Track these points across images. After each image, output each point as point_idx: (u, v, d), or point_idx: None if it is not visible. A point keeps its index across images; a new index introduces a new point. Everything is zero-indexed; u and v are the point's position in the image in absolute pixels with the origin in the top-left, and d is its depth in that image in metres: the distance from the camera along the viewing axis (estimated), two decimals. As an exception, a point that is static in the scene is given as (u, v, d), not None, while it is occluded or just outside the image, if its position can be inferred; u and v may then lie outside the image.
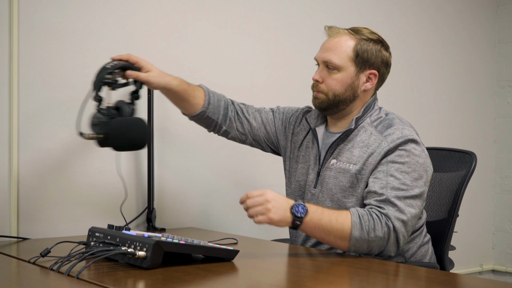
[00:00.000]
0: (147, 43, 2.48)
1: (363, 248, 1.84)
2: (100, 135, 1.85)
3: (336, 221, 1.82)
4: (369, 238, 1.82)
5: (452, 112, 3.70)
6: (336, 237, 1.83)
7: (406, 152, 1.94)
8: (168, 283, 1.43)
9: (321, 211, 1.83)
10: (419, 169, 1.93)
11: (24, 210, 2.19)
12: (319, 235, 1.84)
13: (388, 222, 1.83)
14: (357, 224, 1.82)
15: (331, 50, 2.03)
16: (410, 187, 1.89)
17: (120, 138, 1.87)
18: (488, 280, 1.73)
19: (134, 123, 1.90)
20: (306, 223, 1.81)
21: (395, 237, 1.85)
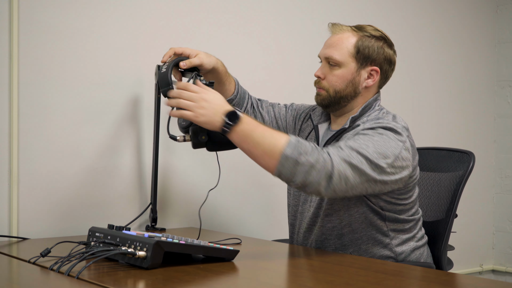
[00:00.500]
0: (147, 43, 2.48)
1: (289, 169, 1.72)
2: (203, 136, 1.80)
3: (270, 135, 1.74)
4: (300, 161, 1.71)
5: (452, 112, 3.70)
6: (265, 151, 1.73)
7: (380, 131, 1.87)
8: (168, 283, 1.43)
9: (257, 124, 1.75)
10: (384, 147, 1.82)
11: (24, 210, 2.19)
12: (246, 147, 1.76)
13: (325, 155, 1.74)
14: (292, 143, 1.72)
15: (332, 47, 2.03)
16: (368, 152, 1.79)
17: (220, 140, 1.82)
18: (488, 280, 1.73)
19: None
20: (235, 132, 1.74)
21: (329, 171, 1.72)
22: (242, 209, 2.77)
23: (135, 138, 2.44)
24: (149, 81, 2.43)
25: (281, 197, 2.86)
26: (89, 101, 2.33)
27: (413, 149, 1.94)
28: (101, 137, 2.36)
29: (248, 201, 2.79)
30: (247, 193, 2.79)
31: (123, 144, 2.41)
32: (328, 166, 1.73)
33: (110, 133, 2.38)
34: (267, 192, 2.83)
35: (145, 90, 2.45)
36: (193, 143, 1.82)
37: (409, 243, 2.03)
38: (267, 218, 2.84)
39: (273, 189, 2.85)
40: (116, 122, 2.40)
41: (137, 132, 2.45)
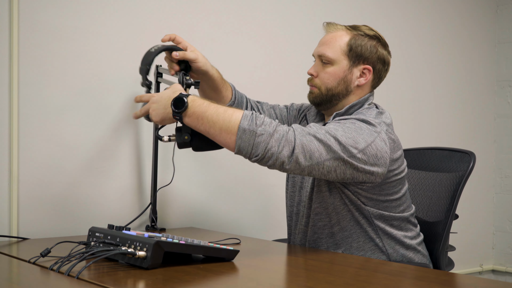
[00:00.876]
0: (147, 43, 2.48)
1: (248, 142, 1.72)
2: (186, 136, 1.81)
3: (224, 112, 1.74)
4: (256, 130, 1.71)
5: (452, 112, 3.70)
6: (222, 128, 1.73)
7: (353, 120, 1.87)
8: (168, 283, 1.43)
9: (208, 104, 1.76)
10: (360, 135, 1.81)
11: (24, 210, 2.19)
12: (203, 128, 1.76)
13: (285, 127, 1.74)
14: (247, 116, 1.73)
15: (325, 44, 2.04)
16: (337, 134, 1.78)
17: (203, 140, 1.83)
18: (488, 280, 1.73)
19: None
20: (188, 116, 1.75)
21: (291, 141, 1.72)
22: (242, 209, 2.77)
23: (135, 138, 2.44)
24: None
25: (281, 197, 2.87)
26: (89, 101, 2.33)
27: (394, 144, 1.91)
28: (101, 137, 2.36)
29: (248, 201, 2.79)
30: (247, 193, 2.79)
31: (123, 144, 2.41)
32: (290, 137, 1.72)
33: (110, 132, 2.38)
34: (267, 192, 2.83)
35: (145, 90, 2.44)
36: (178, 143, 1.84)
37: (400, 241, 2.01)
38: (267, 218, 2.84)
39: (273, 190, 2.85)
40: (116, 122, 2.40)
41: (137, 132, 2.45)
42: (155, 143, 2.40)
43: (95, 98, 2.35)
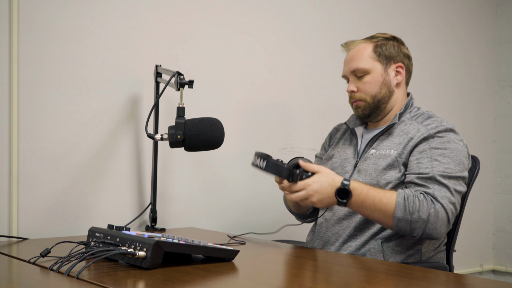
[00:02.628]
0: (147, 43, 2.48)
1: (406, 228, 1.89)
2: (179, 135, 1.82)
3: (380, 202, 1.89)
4: (411, 219, 1.87)
5: (452, 112, 3.69)
6: (380, 216, 1.90)
7: (446, 139, 2.02)
8: (168, 283, 1.43)
9: (366, 192, 1.89)
10: (460, 155, 1.99)
11: (24, 210, 2.18)
12: (365, 213, 1.92)
13: (434, 203, 1.88)
14: (400, 205, 1.88)
15: (354, 59, 2.14)
16: (455, 170, 1.95)
17: (196, 139, 1.85)
18: (488, 280, 1.73)
19: (210, 123, 1.88)
20: (350, 205, 1.91)
21: (445, 216, 1.88)
22: (242, 209, 2.77)
23: (134, 138, 2.44)
24: (149, 81, 2.43)
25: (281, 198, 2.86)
26: (89, 101, 2.33)
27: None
28: (101, 137, 2.36)
29: (248, 201, 2.79)
30: (247, 194, 2.79)
31: (122, 144, 2.41)
32: (443, 216, 1.89)
33: (109, 133, 2.38)
34: (267, 192, 2.83)
35: (144, 90, 2.45)
36: (170, 142, 1.84)
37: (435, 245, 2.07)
38: (267, 218, 2.84)
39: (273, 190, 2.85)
40: (116, 122, 2.40)
41: (137, 132, 2.45)
42: (154, 143, 2.40)
43: (95, 98, 2.34)
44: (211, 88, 2.64)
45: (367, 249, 2.02)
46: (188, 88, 1.91)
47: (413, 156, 2.01)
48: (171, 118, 2.47)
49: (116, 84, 2.39)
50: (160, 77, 2.33)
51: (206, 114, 2.58)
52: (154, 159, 2.40)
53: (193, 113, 2.54)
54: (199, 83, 2.23)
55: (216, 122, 1.88)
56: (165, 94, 2.38)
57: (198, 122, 1.85)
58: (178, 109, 1.84)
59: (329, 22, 3.09)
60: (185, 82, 1.87)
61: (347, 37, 2.38)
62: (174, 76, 1.91)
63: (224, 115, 2.33)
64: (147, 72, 2.43)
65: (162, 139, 1.86)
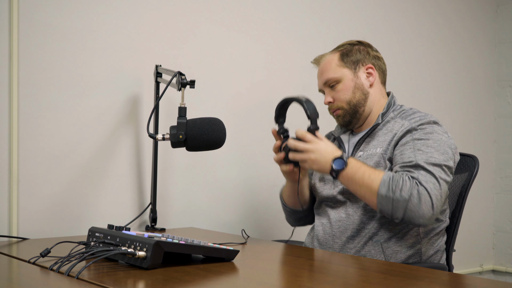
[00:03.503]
0: (147, 43, 2.48)
1: (388, 207, 1.88)
2: (180, 135, 1.82)
3: (368, 177, 1.91)
4: (393, 197, 1.87)
5: (452, 112, 3.69)
6: (366, 192, 1.92)
7: (429, 129, 2.02)
8: (168, 283, 1.43)
9: (358, 167, 1.94)
10: (444, 146, 1.98)
11: (24, 210, 2.18)
12: (352, 188, 1.95)
13: (418, 185, 1.87)
14: (385, 183, 1.88)
15: (324, 71, 2.19)
16: (438, 159, 1.94)
17: (198, 139, 1.85)
18: (488, 280, 1.73)
19: (211, 123, 1.88)
20: (341, 176, 1.95)
21: (429, 198, 1.86)
22: (242, 209, 2.77)
23: (134, 138, 2.44)
24: (149, 81, 2.43)
25: (281, 197, 2.86)
26: (89, 101, 2.33)
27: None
28: (100, 137, 2.36)
29: (248, 201, 2.79)
30: (247, 194, 2.79)
31: (122, 144, 2.41)
32: (426, 197, 1.86)
33: (109, 133, 2.38)
34: (267, 192, 2.83)
35: (144, 89, 2.45)
36: (172, 142, 1.84)
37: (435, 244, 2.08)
38: (267, 218, 2.84)
39: (273, 190, 2.85)
40: (116, 122, 2.40)
41: (137, 132, 2.45)
42: (154, 143, 2.40)
43: (95, 98, 2.34)
44: (211, 88, 2.64)
45: (367, 251, 2.02)
46: (190, 88, 1.91)
47: (397, 150, 2.01)
48: (171, 118, 2.47)
49: (116, 84, 2.39)
50: (160, 77, 2.33)
51: (206, 114, 2.58)
52: (154, 159, 2.40)
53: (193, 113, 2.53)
54: (199, 83, 2.23)
55: (218, 122, 1.88)
56: (166, 94, 2.38)
57: (200, 122, 1.85)
58: (180, 109, 1.84)
59: (329, 22, 3.09)
60: (187, 82, 1.87)
61: (347, 37, 2.38)
62: (176, 76, 1.91)
63: (224, 115, 2.32)
64: (147, 72, 2.43)
65: (164, 139, 1.86)
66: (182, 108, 1.84)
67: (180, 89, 1.88)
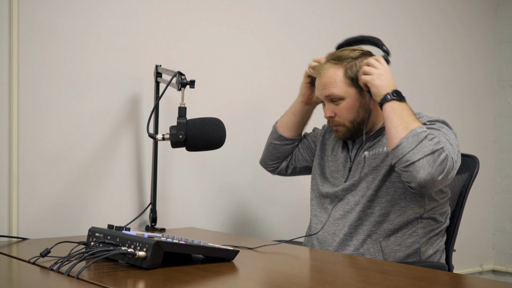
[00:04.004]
0: (147, 43, 2.48)
1: (411, 145, 1.84)
2: (180, 135, 1.82)
3: (414, 118, 1.91)
4: (423, 141, 1.84)
5: (452, 112, 3.69)
6: (403, 123, 1.89)
7: (438, 125, 2.01)
8: (168, 283, 1.43)
9: (409, 108, 1.94)
10: (452, 140, 1.96)
11: (24, 210, 2.19)
12: (391, 115, 1.91)
13: (446, 150, 1.86)
14: (424, 128, 1.87)
15: (328, 85, 2.09)
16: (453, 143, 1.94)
17: (198, 139, 1.85)
18: (488, 280, 1.73)
19: (211, 123, 1.87)
20: (392, 103, 1.93)
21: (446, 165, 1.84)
22: (242, 209, 2.77)
23: (134, 138, 2.44)
24: (149, 81, 2.43)
25: (281, 197, 2.86)
26: (89, 101, 2.33)
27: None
28: (101, 137, 2.36)
29: (248, 201, 2.79)
30: (247, 194, 2.79)
31: (122, 144, 2.41)
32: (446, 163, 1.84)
33: (109, 133, 2.38)
34: (267, 192, 2.83)
35: (144, 89, 2.45)
36: (172, 142, 1.84)
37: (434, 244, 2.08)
38: (267, 218, 2.84)
39: (273, 190, 2.85)
40: (116, 122, 2.40)
41: (137, 132, 2.45)
42: (154, 143, 2.40)
43: (95, 98, 2.35)
44: (211, 88, 2.64)
45: (365, 249, 2.02)
46: (190, 88, 1.91)
47: None
48: (171, 118, 2.48)
49: (116, 84, 2.39)
50: (160, 77, 2.33)
51: (206, 114, 2.58)
52: (154, 159, 2.40)
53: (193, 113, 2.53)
54: (199, 83, 2.23)
55: (218, 122, 1.88)
56: (166, 94, 2.38)
57: (200, 122, 1.85)
58: (180, 109, 1.84)
59: (329, 22, 3.09)
60: (187, 82, 1.87)
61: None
62: (175, 76, 1.91)
63: (224, 115, 2.32)
64: (147, 72, 2.43)
65: (164, 139, 1.86)
66: (182, 108, 1.84)
67: (180, 89, 1.88)
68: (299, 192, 2.81)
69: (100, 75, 2.36)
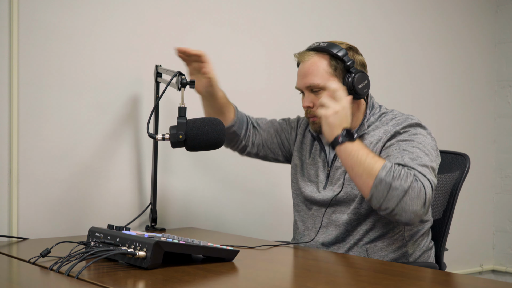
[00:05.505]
0: (147, 43, 2.48)
1: (383, 193, 1.80)
2: (180, 135, 1.82)
3: (372, 157, 1.84)
4: (392, 184, 1.79)
5: (452, 112, 3.70)
6: (365, 170, 1.83)
7: (413, 131, 1.97)
8: (168, 283, 1.43)
9: (363, 146, 1.88)
10: (428, 147, 1.93)
11: (24, 210, 2.19)
12: (350, 162, 1.86)
13: (417, 181, 1.81)
14: (387, 167, 1.81)
15: (309, 74, 2.04)
16: (424, 159, 1.89)
17: (198, 139, 1.85)
18: (488, 280, 1.73)
19: (211, 123, 1.87)
20: (345, 146, 1.87)
21: (424, 197, 1.80)
22: (242, 209, 2.77)
23: (134, 138, 2.44)
24: (149, 81, 2.43)
25: (281, 197, 2.86)
26: (89, 101, 2.33)
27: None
28: (101, 137, 2.36)
29: (248, 201, 2.79)
30: (247, 194, 2.79)
31: (122, 144, 2.41)
32: (422, 193, 1.81)
33: (109, 133, 2.38)
34: (267, 192, 2.83)
35: (144, 90, 2.45)
36: (172, 142, 1.83)
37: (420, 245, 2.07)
38: (267, 218, 2.84)
39: (273, 190, 2.85)
40: (116, 122, 2.40)
41: (137, 132, 2.45)
42: (154, 143, 2.40)
43: (95, 98, 2.35)
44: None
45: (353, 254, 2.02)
46: (190, 88, 1.91)
47: (383, 153, 1.97)
48: (171, 118, 2.48)
49: (116, 83, 2.39)
50: (160, 77, 2.32)
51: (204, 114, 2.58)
52: (154, 159, 2.40)
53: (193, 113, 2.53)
54: (199, 83, 2.23)
55: (218, 122, 1.88)
56: (166, 94, 2.38)
57: (200, 122, 1.85)
58: (180, 109, 1.84)
59: (329, 22, 3.09)
60: (187, 82, 1.87)
61: (347, 37, 2.38)
62: (175, 76, 1.91)
63: (224, 115, 2.32)
64: (147, 72, 2.43)
65: (164, 139, 1.86)
66: (182, 108, 1.85)
67: (180, 89, 1.88)
68: (299, 192, 2.82)
69: (99, 75, 2.36)
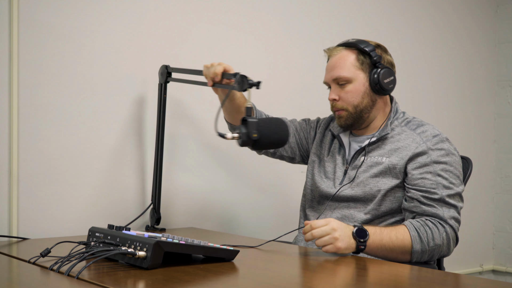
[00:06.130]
0: (147, 43, 2.48)
1: (425, 257, 1.93)
2: (255, 134, 1.83)
3: (396, 238, 1.89)
4: (429, 248, 1.91)
5: (452, 112, 3.70)
6: (398, 253, 1.90)
7: (445, 151, 2.02)
8: (168, 283, 1.43)
9: (380, 231, 1.89)
10: (458, 167, 2.03)
11: (24, 210, 2.19)
12: (382, 254, 1.90)
13: (445, 226, 1.93)
14: (416, 238, 1.90)
15: (336, 67, 2.09)
16: (456, 185, 1.99)
17: (270, 138, 1.87)
18: (488, 280, 1.73)
19: (278, 123, 1.90)
20: (369, 246, 1.86)
21: (454, 235, 1.96)
22: (243, 209, 2.77)
23: (135, 138, 2.44)
24: (152, 81, 2.43)
25: (281, 197, 2.87)
26: (89, 101, 2.33)
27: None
28: (101, 137, 2.36)
29: (248, 201, 2.79)
30: (248, 194, 2.79)
31: (123, 144, 2.41)
32: (452, 235, 1.96)
33: (110, 133, 2.38)
34: (267, 192, 2.83)
35: (148, 90, 2.45)
36: (242, 140, 1.84)
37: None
38: (267, 218, 2.84)
39: (274, 190, 2.85)
40: (117, 122, 2.40)
41: (139, 133, 2.45)
42: (156, 143, 2.40)
43: (95, 98, 2.34)
44: (211, 88, 2.64)
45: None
46: (256, 88, 1.91)
47: (415, 170, 1.99)
48: (174, 118, 2.48)
49: (117, 83, 2.39)
50: (170, 76, 2.32)
51: (207, 114, 2.58)
52: (155, 159, 2.39)
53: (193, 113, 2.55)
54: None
55: (282, 122, 1.92)
56: (172, 94, 2.39)
57: (268, 122, 1.90)
58: (247, 109, 1.87)
59: (330, 22, 3.09)
60: (254, 83, 1.89)
61: (347, 37, 2.38)
62: (238, 78, 1.92)
63: (224, 115, 2.33)
64: (150, 72, 2.43)
65: (233, 138, 1.87)
66: (248, 108, 1.87)
67: (245, 89, 1.90)
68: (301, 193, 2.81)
69: (100, 75, 2.36)
